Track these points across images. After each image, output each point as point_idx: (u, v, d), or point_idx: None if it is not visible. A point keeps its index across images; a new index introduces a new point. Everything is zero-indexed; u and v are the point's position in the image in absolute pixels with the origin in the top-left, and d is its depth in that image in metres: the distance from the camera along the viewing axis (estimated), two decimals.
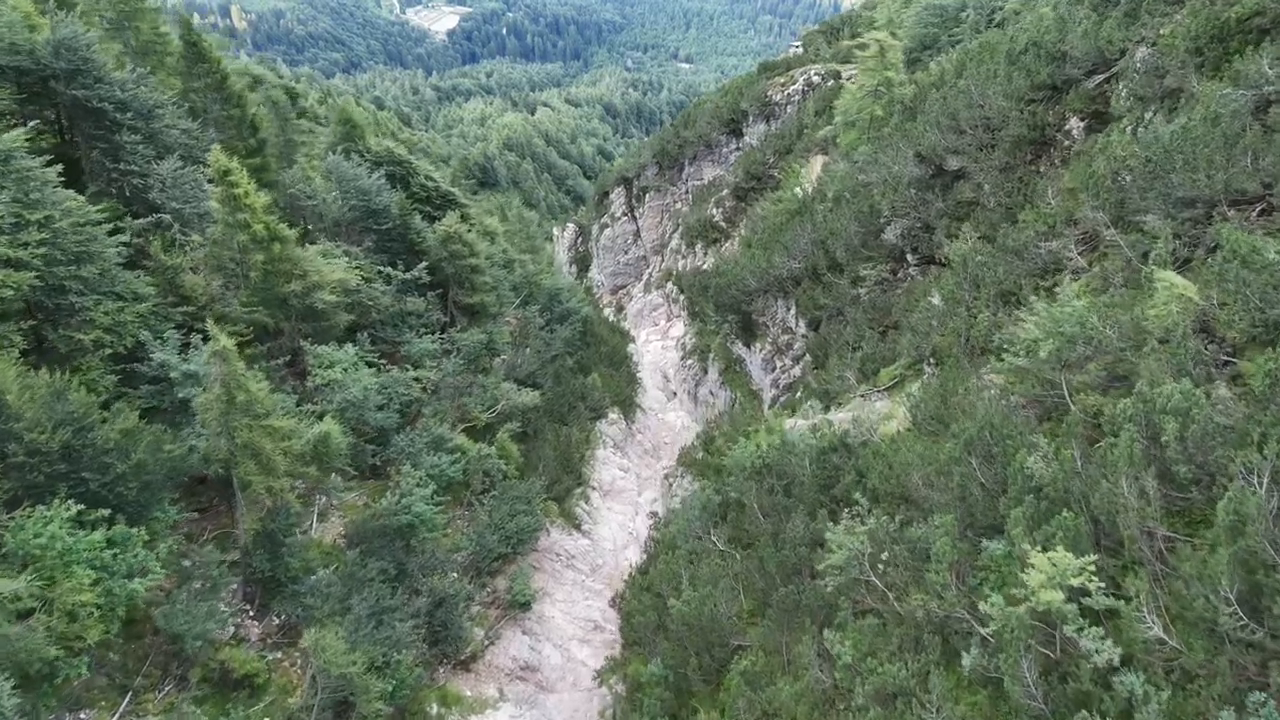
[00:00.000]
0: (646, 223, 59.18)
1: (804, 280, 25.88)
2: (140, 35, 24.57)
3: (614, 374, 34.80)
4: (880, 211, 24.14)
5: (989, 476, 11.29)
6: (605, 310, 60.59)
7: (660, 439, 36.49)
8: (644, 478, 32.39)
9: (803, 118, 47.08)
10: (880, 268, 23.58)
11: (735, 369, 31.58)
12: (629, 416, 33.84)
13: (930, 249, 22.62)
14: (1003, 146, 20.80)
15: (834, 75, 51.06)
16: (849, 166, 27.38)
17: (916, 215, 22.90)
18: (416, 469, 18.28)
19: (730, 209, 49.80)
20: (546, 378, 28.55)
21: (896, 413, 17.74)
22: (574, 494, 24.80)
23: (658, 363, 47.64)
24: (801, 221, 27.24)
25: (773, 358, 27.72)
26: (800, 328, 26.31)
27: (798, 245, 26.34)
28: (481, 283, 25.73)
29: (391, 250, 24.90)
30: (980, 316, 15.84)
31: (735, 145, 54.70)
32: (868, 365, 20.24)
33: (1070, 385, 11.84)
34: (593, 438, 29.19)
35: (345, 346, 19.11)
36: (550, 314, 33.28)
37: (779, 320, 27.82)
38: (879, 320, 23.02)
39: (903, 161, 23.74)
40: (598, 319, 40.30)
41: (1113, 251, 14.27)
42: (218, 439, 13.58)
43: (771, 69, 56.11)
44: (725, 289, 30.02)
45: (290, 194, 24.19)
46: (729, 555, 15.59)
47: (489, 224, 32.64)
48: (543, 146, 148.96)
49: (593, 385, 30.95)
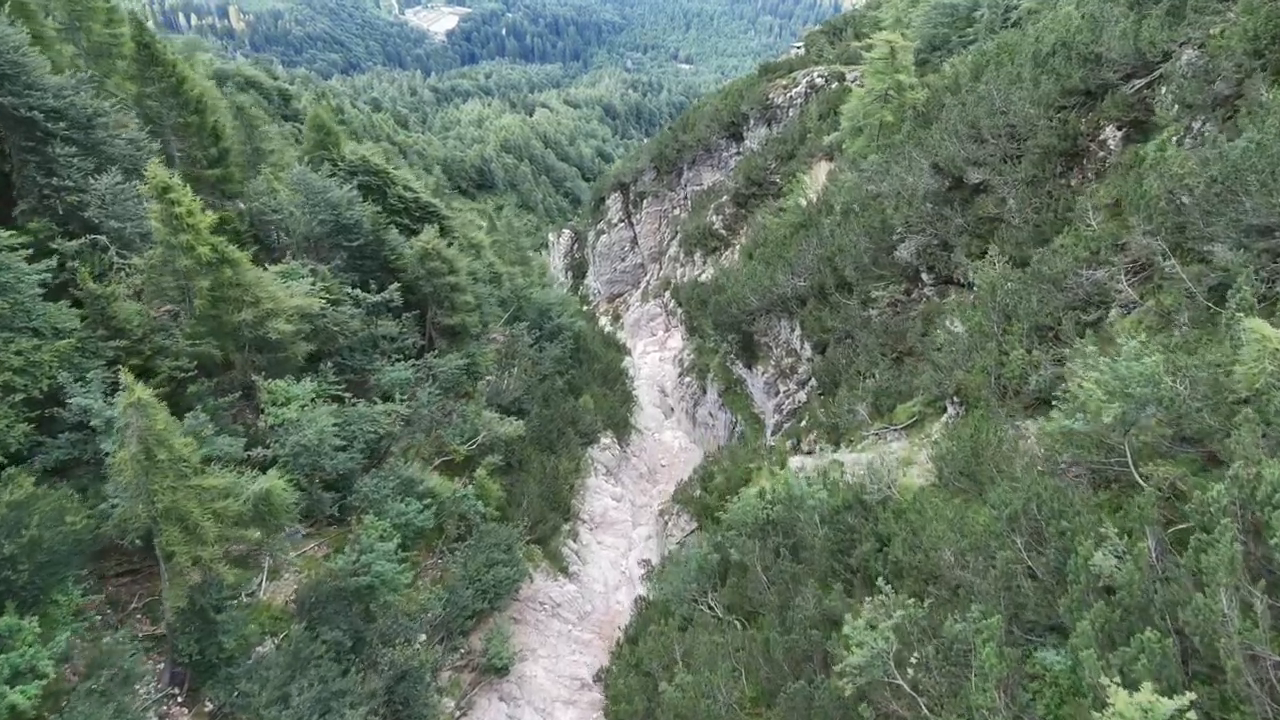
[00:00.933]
0: (644, 229, 57.31)
1: (810, 300, 24.01)
2: (92, 36, 22.73)
3: (608, 393, 32.94)
4: (893, 227, 22.27)
5: (1040, 564, 9.42)
6: (601, 319, 58.78)
7: (656, 461, 34.62)
8: (639, 505, 30.53)
9: (806, 122, 45.21)
10: (893, 288, 21.70)
11: (736, 390, 29.71)
12: (623, 439, 31.98)
13: (948, 269, 20.74)
14: (1029, 158, 18.92)
15: (838, 77, 49.20)
16: (857, 176, 25.54)
17: (933, 232, 21.02)
18: (381, 518, 16.41)
19: (730, 216, 47.95)
20: (534, 402, 26.71)
21: (916, 457, 15.87)
22: (560, 532, 22.92)
23: (655, 376, 45.78)
24: (806, 235, 25.35)
25: (776, 381, 25.86)
26: (806, 350, 24.45)
27: (803, 261, 24.47)
28: (462, 302, 23.88)
29: (364, 268, 23.05)
30: (1014, 354, 13.96)
31: (735, 150, 52.83)
32: (882, 399, 18.36)
33: (1133, 447, 9.98)
34: (583, 465, 27.33)
35: (304, 380, 17.23)
36: (540, 331, 31.45)
37: (782, 342, 25.95)
38: (892, 346, 21.14)
39: (917, 172, 21.86)
40: (591, 333, 38.45)
41: (1171, 284, 12.40)
42: (135, 503, 11.71)
43: (772, 70, 54.24)
44: (725, 307, 28.12)
45: (253, 208, 22.37)
46: (728, 626, 13.71)
47: (474, 236, 30.78)
48: (541, 149, 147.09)
49: (584, 408, 29.10)
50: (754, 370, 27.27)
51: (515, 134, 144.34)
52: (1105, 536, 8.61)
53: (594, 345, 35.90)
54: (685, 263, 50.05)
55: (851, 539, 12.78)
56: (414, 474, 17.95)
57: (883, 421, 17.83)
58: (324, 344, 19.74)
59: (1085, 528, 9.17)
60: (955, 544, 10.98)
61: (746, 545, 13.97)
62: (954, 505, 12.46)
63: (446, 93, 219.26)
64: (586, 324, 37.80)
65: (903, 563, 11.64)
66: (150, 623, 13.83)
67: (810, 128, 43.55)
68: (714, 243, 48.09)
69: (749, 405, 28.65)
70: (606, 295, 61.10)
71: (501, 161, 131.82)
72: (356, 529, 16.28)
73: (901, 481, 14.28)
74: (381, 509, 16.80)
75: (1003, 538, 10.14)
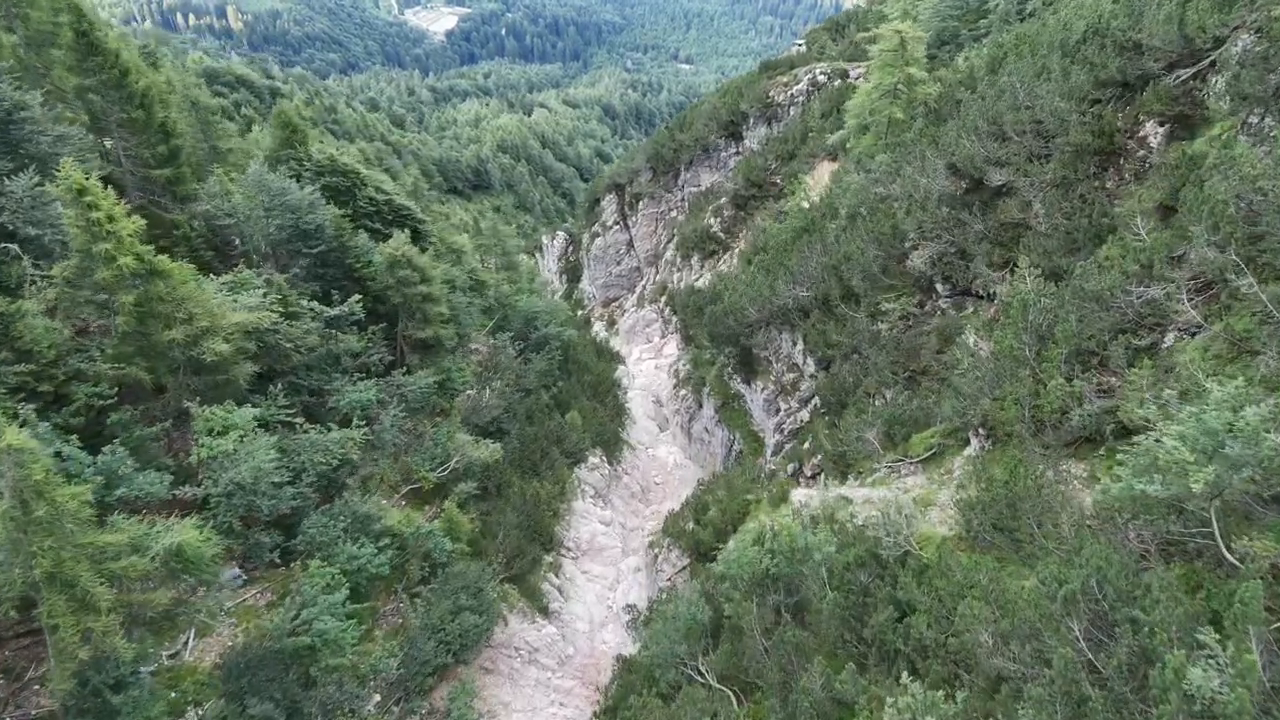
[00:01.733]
0: (640, 232, 55.41)
1: (813, 311, 22.09)
2: (30, 25, 20.83)
3: (598, 407, 31.04)
4: (904, 233, 20.36)
5: (1110, 665, 7.49)
6: (596, 325, 56.90)
7: (650, 479, 32.70)
8: (630, 528, 28.61)
9: (808, 120, 43.31)
10: (905, 300, 19.78)
11: (734, 405, 27.80)
12: (613, 457, 30.07)
13: (966, 279, 18.82)
14: (1059, 157, 17.01)
15: (841, 74, 47.32)
16: (864, 178, 23.64)
17: (949, 239, 19.10)
18: (329, 564, 14.49)
19: (729, 219, 46.07)
20: (515, 420, 24.80)
21: (936, 496, 13.94)
22: (541, 565, 21.00)
23: (650, 385, 43.89)
24: (810, 242, 23.43)
25: (776, 399, 23.96)
26: (809, 366, 22.53)
27: (805, 269, 22.55)
28: (435, 314, 21.96)
29: (327, 277, 21.15)
30: (1052, 383, 12.04)
31: (735, 150, 50.94)
32: (895, 426, 16.43)
33: (1218, 514, 8.05)
34: (569, 488, 25.41)
35: (246, 405, 15.31)
36: (526, 341, 29.56)
37: (784, 356, 24.03)
38: (904, 363, 19.22)
39: (931, 174, 19.95)
40: (582, 342, 36.55)
41: (1244, 305, 10.47)
42: (10, 569, 9.79)
43: (773, 68, 52.34)
44: (721, 318, 26.18)
45: (205, 212, 20.48)
46: (721, 699, 11.77)
47: (455, 241, 28.89)
48: (538, 149, 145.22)
49: (571, 425, 27.18)
50: (753, 386, 25.36)
51: (512, 134, 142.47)
52: (1202, 644, 6.67)
53: (584, 355, 34.01)
54: (682, 267, 48.16)
55: (865, 603, 10.86)
56: (371, 509, 16.02)
57: (896, 452, 15.90)
58: (276, 363, 17.82)
59: (1167, 622, 7.25)
60: (993, 623, 9.06)
61: (743, 606, 12.05)
62: (987, 567, 10.54)
63: (445, 93, 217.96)
64: (578, 332, 35.92)
65: (928, 640, 9.71)
66: (51, 696, 11.90)
67: (813, 126, 41.65)
68: (712, 246, 46.21)
69: (747, 422, 26.73)
70: (601, 300, 59.21)
71: (498, 162, 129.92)
72: (301, 577, 14.34)
73: (921, 530, 12.35)
74: (331, 552, 14.88)
75: (1056, 622, 8.22)
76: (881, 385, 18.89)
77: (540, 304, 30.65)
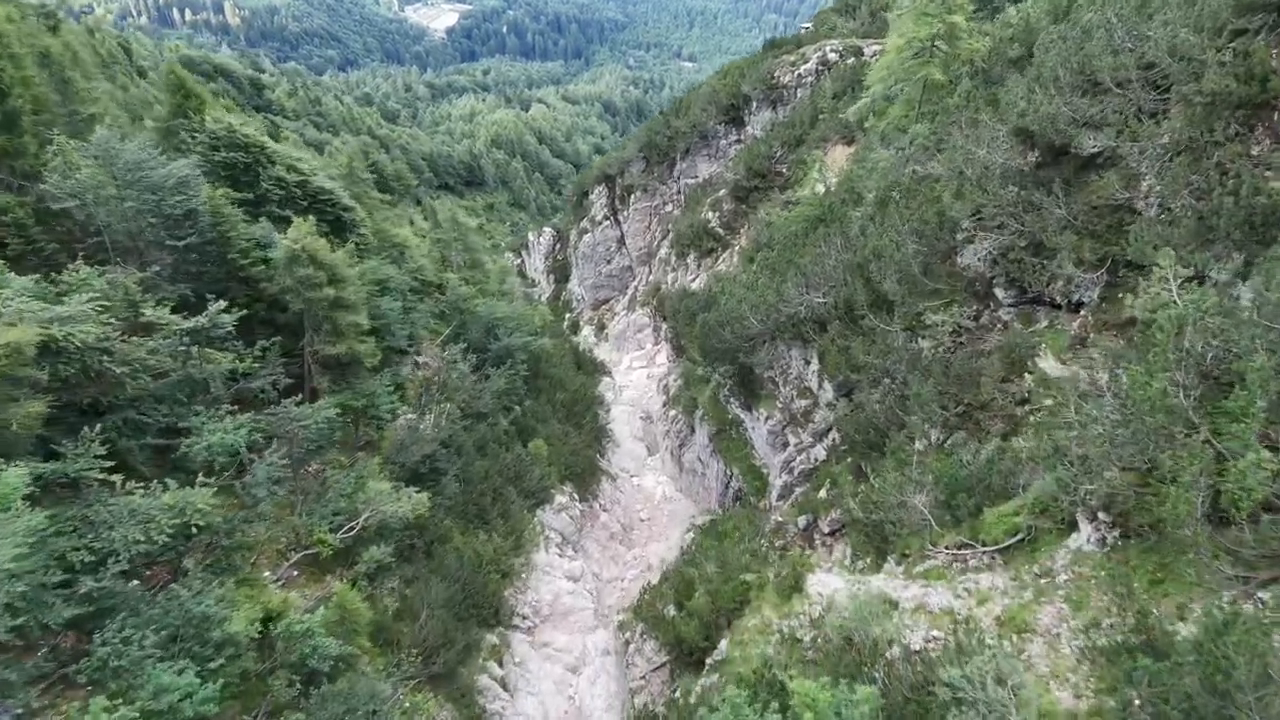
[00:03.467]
0: (632, 228, 50.60)
1: (832, 323, 17.27)
2: None
3: (571, 432, 26.25)
4: (953, 222, 15.53)
5: None
6: (585, 329, 52.14)
7: (634, 515, 27.90)
8: (606, 580, 23.83)
9: (818, 101, 38.48)
10: (957, 310, 14.95)
11: (731, 434, 22.98)
12: (588, 492, 25.28)
13: (1040, 282, 14.00)
14: (1184, 112, 12.20)
15: (855, 51, 42.50)
16: (895, 154, 18.86)
17: (1017, 227, 14.28)
18: (125, 703, 9.69)
19: (729, 213, 41.27)
20: (462, 455, 20.02)
21: (1034, 617, 9.11)
22: (479, 653, 16.22)
23: (641, 399, 39.10)
24: (828, 234, 18.58)
25: (783, 430, 19.19)
26: (826, 392, 17.71)
27: (822, 269, 17.72)
28: (349, 324, 17.19)
29: (205, 277, 16.42)
30: (1246, 459, 7.22)
31: (736, 136, 46.12)
32: (955, 491, 11.58)
33: None
34: (528, 538, 20.62)
35: (14, 465, 10.52)
36: (485, 353, 24.80)
37: (793, 378, 19.21)
38: (956, 394, 14.40)
39: (991, 144, 15.12)
40: (559, 352, 31.74)
41: None
42: None
43: (779, 46, 47.50)
44: (716, 329, 21.29)
45: (43, 192, 15.73)
46: None
47: (400, 235, 24.13)
48: (535, 144, 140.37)
49: (535, 456, 22.39)
50: (754, 412, 20.57)
51: (508, 129, 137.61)
52: None
53: (559, 369, 29.20)
54: (677, 266, 43.35)
55: None
56: (211, 607, 11.24)
57: (960, 532, 11.06)
58: (105, 393, 13.07)
59: None
60: None
61: None
62: None
63: (442, 89, 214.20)
64: (552, 341, 31.10)
65: None
66: None
67: (824, 108, 36.82)
68: (710, 243, 41.41)
69: (748, 455, 21.92)
70: (591, 302, 54.43)
71: (492, 157, 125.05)
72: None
73: (1024, 694, 7.54)
74: (132, 681, 10.10)
75: None
76: (927, 423, 14.06)
77: (503, 309, 25.85)
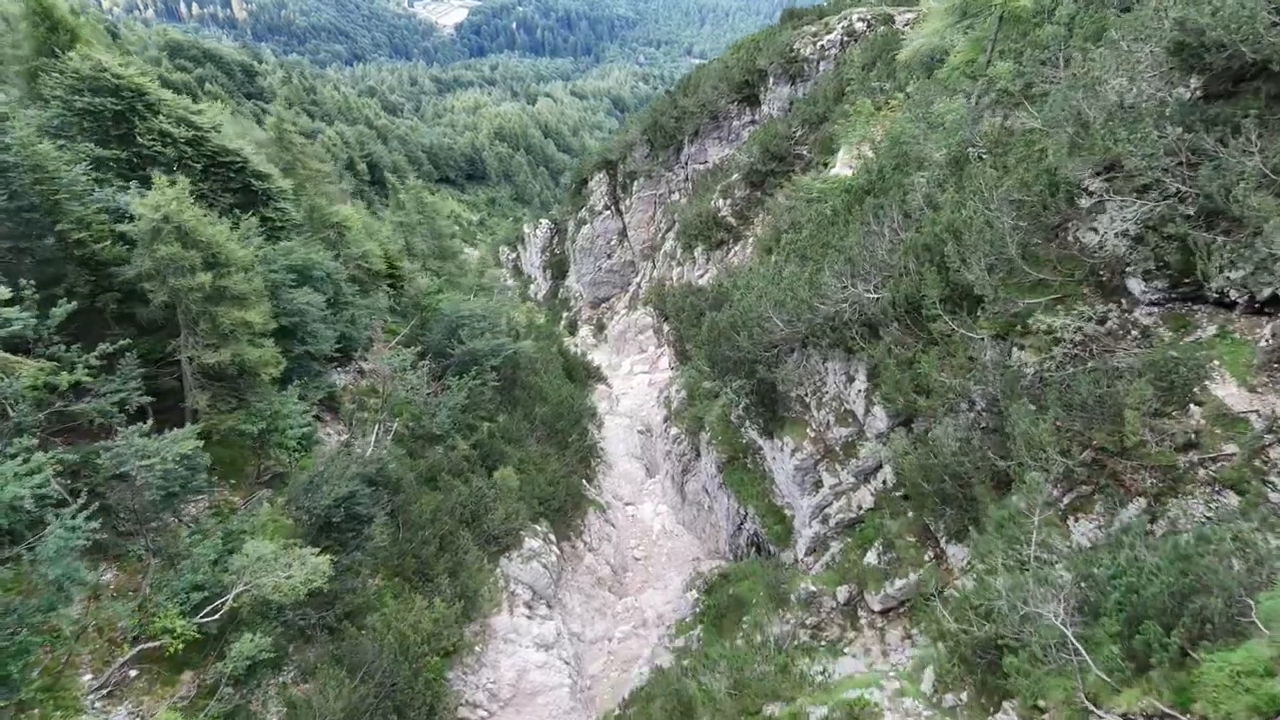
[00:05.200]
0: (634, 218, 46.04)
1: (888, 326, 12.58)
2: None
3: (554, 456, 21.72)
4: (1070, 184, 10.87)
5: None
6: (583, 329, 47.63)
7: (627, 553, 23.33)
8: (590, 641, 19.31)
9: (845, 73, 33.79)
10: (1080, 310, 10.33)
11: (745, 463, 18.37)
12: (570, 529, 20.75)
13: (1209, 270, 9.33)
14: None
15: (885, 20, 37.78)
16: (972, 104, 14.20)
17: (1179, 188, 9.62)
18: None
19: (742, 201, 36.68)
20: (400, 493, 15.52)
21: None
22: None
23: (640, 409, 34.55)
24: (880, 209, 13.87)
25: (816, 465, 14.56)
26: (876, 420, 13.02)
27: (873, 254, 13.06)
28: (235, 323, 12.74)
29: (30, 256, 12.03)
30: None
31: (750, 117, 41.49)
32: (1141, 620, 6.95)
33: None
34: (486, 596, 16.10)
35: None
36: (447, 359, 20.38)
37: (830, 399, 14.47)
38: (1082, 434, 9.74)
39: (1130, 69, 10.46)
40: (544, 356, 27.25)
41: None
42: None
43: (799, 17, 42.77)
44: (729, 334, 16.50)
45: None
46: None
47: (342, 214, 19.68)
48: (540, 138, 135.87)
49: (499, 491, 17.87)
50: (777, 440, 15.92)
51: (512, 122, 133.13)
52: None
53: (541, 377, 24.69)
54: (683, 261, 38.78)
55: None
56: None
57: (1149, 687, 6.42)
58: None
59: None
60: None
61: None
62: None
63: (449, 83, 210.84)
64: (537, 344, 26.60)
65: None
66: None
67: (853, 79, 32.10)
68: (720, 235, 36.82)
69: (767, 492, 17.32)
70: (589, 299, 49.93)
71: (495, 150, 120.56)
72: None
73: None
74: None
75: None
76: (1045, 467, 9.42)
77: (472, 306, 21.32)
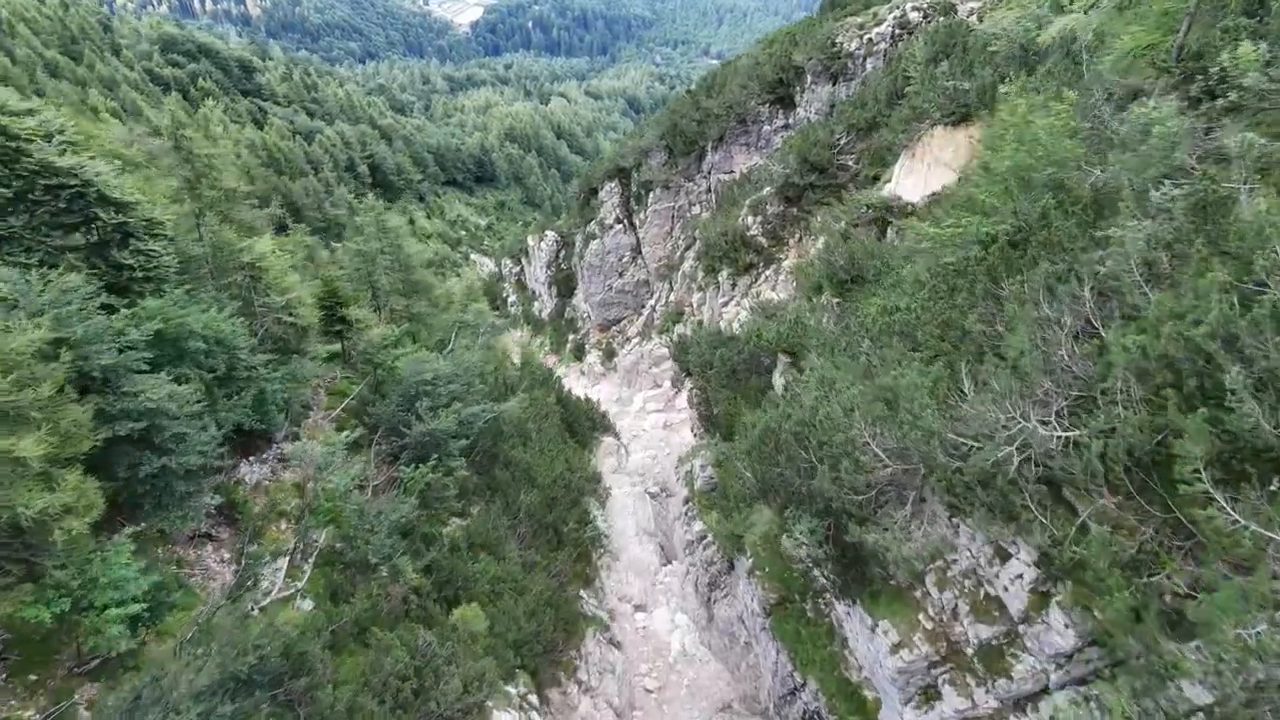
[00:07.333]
0: (649, 233, 40.87)
1: (1083, 486, 7.15)
2: None
3: (541, 565, 16.59)
4: None
5: None
6: (590, 355, 42.50)
7: (635, 686, 18.06)
8: None
9: (903, 69, 28.42)
10: None
11: (806, 608, 13.00)
12: (558, 671, 15.57)
13: None
14: None
15: (946, 9, 32.37)
16: (1179, 113, 8.83)
17: None
18: None
19: (775, 218, 31.40)
20: (307, 673, 10.42)
21: None
22: None
23: (654, 462, 29.44)
24: (1060, 280, 8.17)
25: (930, 669, 9.27)
26: (1053, 630, 7.58)
27: (1049, 361, 7.56)
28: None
29: None
30: None
31: (784, 120, 36.20)
32: None
33: None
34: None
35: None
36: (398, 441, 15.31)
37: (957, 574, 8.92)
38: None
39: None
40: (538, 411, 22.15)
41: None
42: None
43: (842, 6, 37.43)
44: (791, 449, 10.74)
45: None
46: None
47: (255, 250, 14.57)
48: (552, 139, 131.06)
49: (456, 645, 12.74)
50: (863, 612, 10.42)
51: (524, 122, 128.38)
52: None
53: (531, 449, 19.56)
54: (705, 285, 33.55)
55: None
56: None
57: None
58: None
59: None
60: None
61: None
62: None
63: (462, 82, 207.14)
64: (528, 397, 21.52)
65: None
66: None
67: (915, 78, 26.75)
68: (749, 257, 31.57)
69: (838, 660, 12.06)
70: (599, 321, 44.83)
71: (505, 151, 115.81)
72: None
73: None
74: None
75: None
76: None
77: (437, 366, 16.17)
